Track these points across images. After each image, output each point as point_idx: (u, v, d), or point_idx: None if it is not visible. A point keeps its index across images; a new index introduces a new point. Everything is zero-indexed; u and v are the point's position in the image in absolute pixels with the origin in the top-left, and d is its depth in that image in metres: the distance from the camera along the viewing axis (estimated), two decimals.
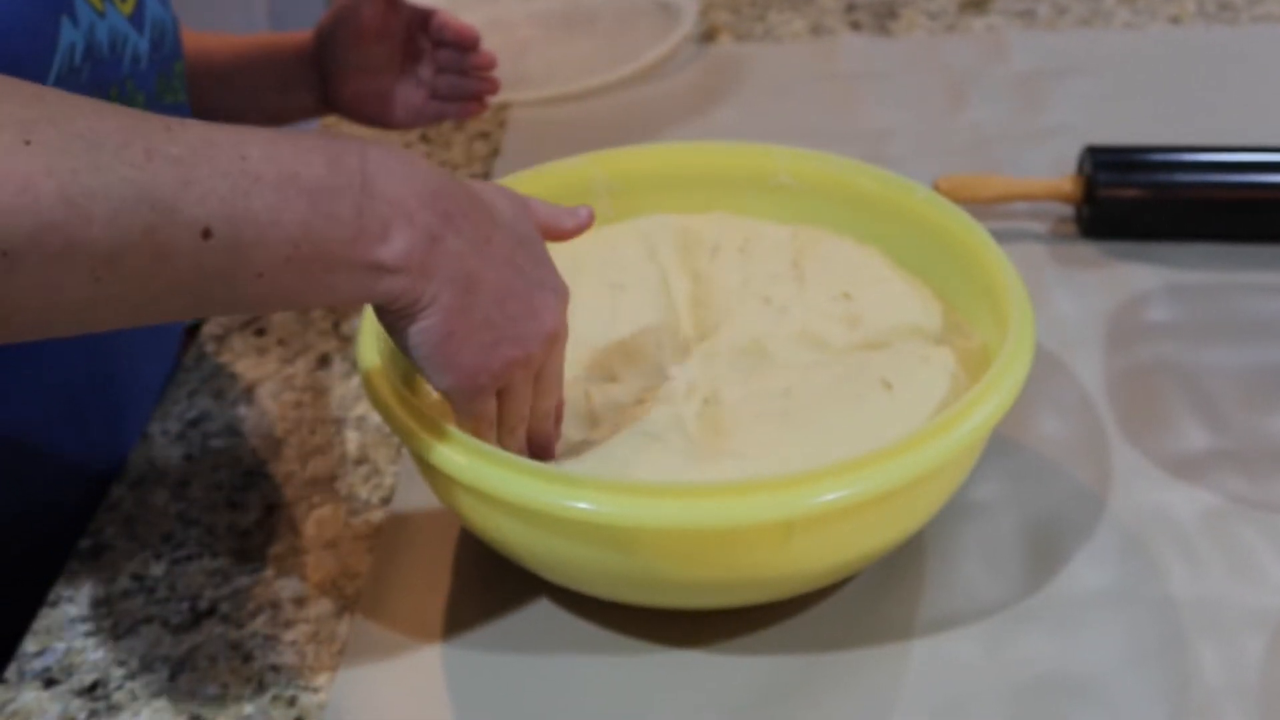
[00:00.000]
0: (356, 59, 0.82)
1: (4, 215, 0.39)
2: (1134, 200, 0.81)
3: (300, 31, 0.85)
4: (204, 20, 0.93)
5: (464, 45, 0.84)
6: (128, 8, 0.65)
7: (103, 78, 0.63)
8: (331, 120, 0.98)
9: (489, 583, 0.60)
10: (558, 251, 0.67)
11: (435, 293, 0.47)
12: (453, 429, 0.52)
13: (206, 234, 0.42)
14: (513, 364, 0.51)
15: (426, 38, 0.84)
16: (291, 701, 0.55)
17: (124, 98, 0.65)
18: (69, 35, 0.59)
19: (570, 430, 0.59)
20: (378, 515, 0.64)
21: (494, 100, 0.88)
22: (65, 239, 0.40)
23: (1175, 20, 1.09)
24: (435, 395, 0.59)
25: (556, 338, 0.52)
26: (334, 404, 0.72)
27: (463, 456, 0.51)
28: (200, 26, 0.85)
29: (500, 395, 0.52)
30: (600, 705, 0.54)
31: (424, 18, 0.83)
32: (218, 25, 0.92)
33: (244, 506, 0.65)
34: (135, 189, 0.41)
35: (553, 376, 0.54)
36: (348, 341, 0.77)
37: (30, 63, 0.57)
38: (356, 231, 0.45)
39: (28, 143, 0.39)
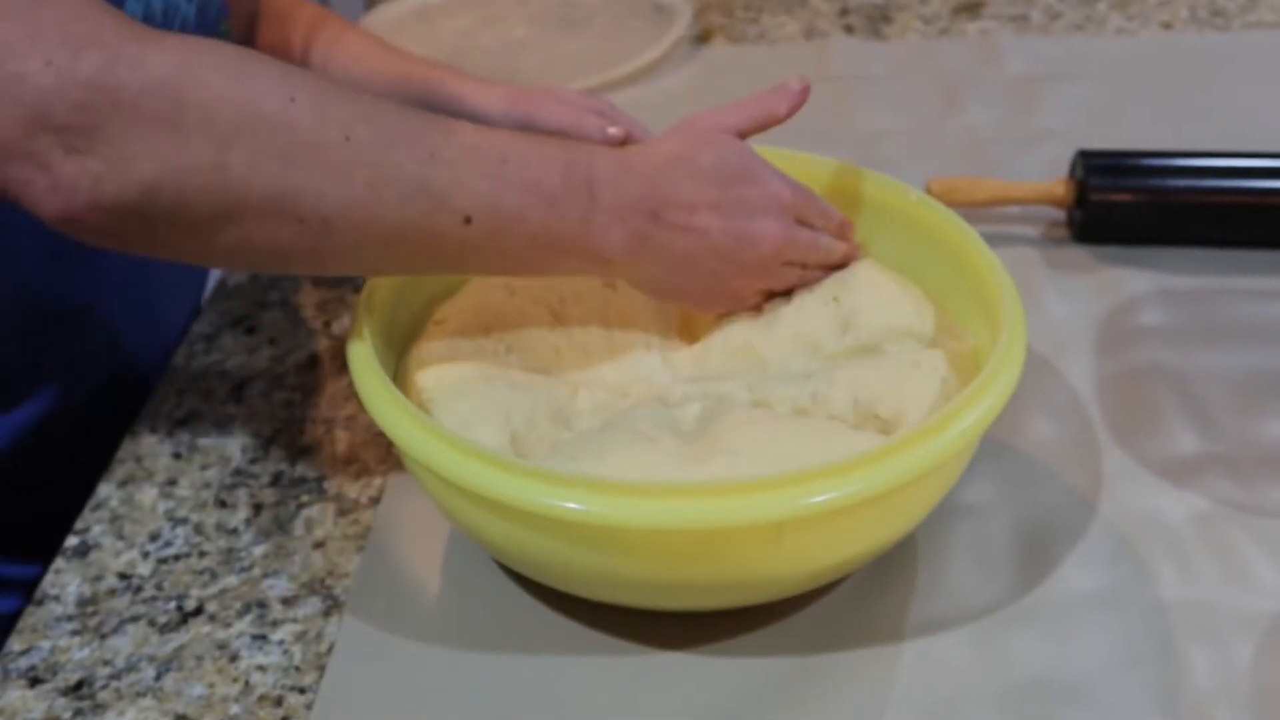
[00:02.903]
0: None
1: (326, 193, 0.51)
2: (1126, 204, 0.81)
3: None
4: None
5: None
6: None
7: None
8: None
9: (478, 584, 0.60)
10: None
11: (652, 272, 0.59)
12: (442, 429, 0.52)
13: (468, 220, 0.54)
14: (749, 286, 0.62)
15: None
16: (279, 702, 0.55)
17: None
18: (133, 7, 0.63)
19: (560, 430, 0.59)
20: (367, 515, 0.64)
21: None
22: (366, 214, 0.52)
23: (1167, 26, 1.09)
24: (423, 396, 0.59)
25: (783, 241, 0.61)
26: (324, 403, 0.72)
27: (452, 456, 0.51)
28: None
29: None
30: (590, 707, 0.54)
31: None
32: None
33: (232, 505, 0.65)
34: (418, 183, 0.52)
35: (812, 246, 0.63)
36: (338, 341, 0.77)
37: None
38: (581, 231, 0.56)
39: (348, 139, 0.51)
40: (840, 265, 0.65)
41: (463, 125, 0.55)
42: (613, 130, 0.67)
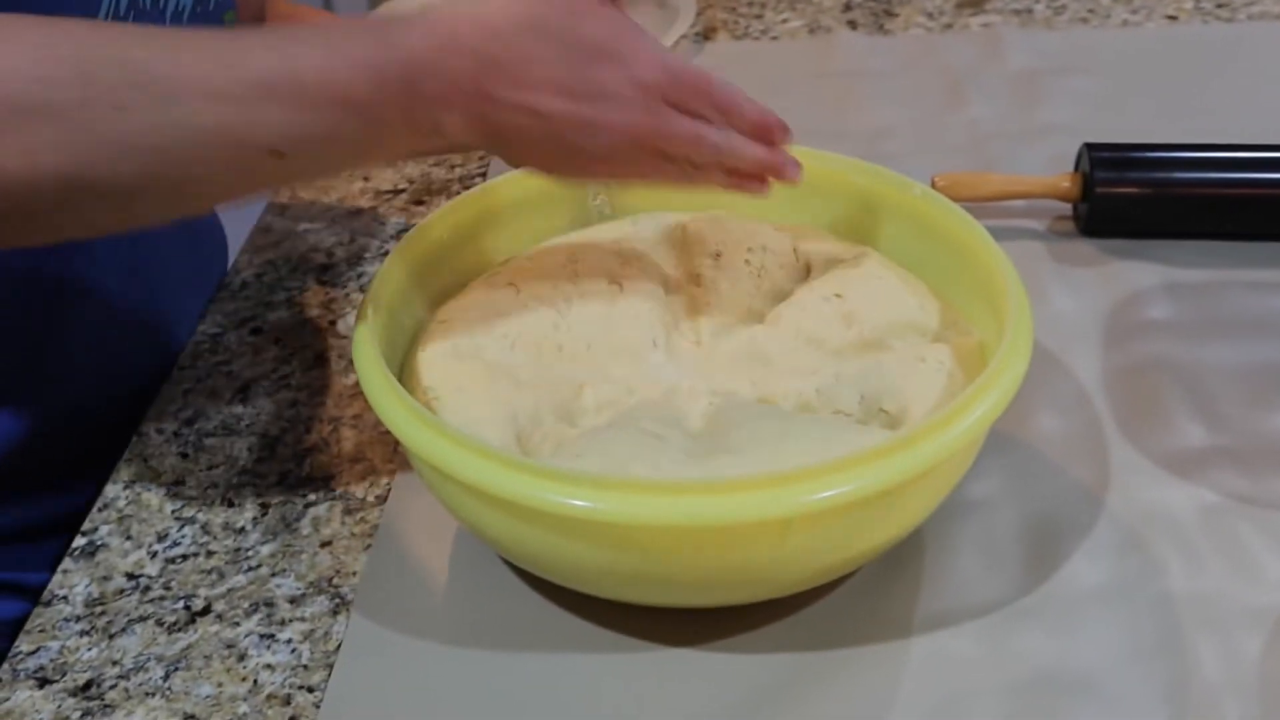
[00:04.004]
0: None
1: (119, 168, 0.49)
2: (1132, 198, 0.81)
3: None
4: None
5: None
6: None
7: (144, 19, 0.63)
8: None
9: (485, 581, 0.60)
10: (558, 250, 0.68)
11: (502, 150, 0.55)
12: (448, 427, 0.52)
13: (277, 154, 0.51)
14: (614, 170, 0.56)
15: None
16: (287, 701, 0.55)
17: None
18: None
19: (565, 428, 0.59)
20: (374, 514, 0.64)
21: None
22: (170, 175, 0.51)
23: (1172, 18, 1.09)
24: (429, 394, 0.59)
25: (647, 132, 0.54)
26: (330, 402, 0.72)
27: (459, 455, 0.51)
28: None
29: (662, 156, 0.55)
30: (597, 704, 0.54)
31: None
32: None
33: (239, 505, 0.65)
34: (211, 132, 0.50)
35: (693, 140, 0.55)
36: (344, 339, 0.77)
37: (76, 8, 0.58)
38: (408, 128, 0.52)
39: (119, 109, 0.49)
40: (769, 171, 0.57)
41: (251, 50, 0.51)
42: None
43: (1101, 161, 0.81)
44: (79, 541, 0.63)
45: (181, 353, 0.77)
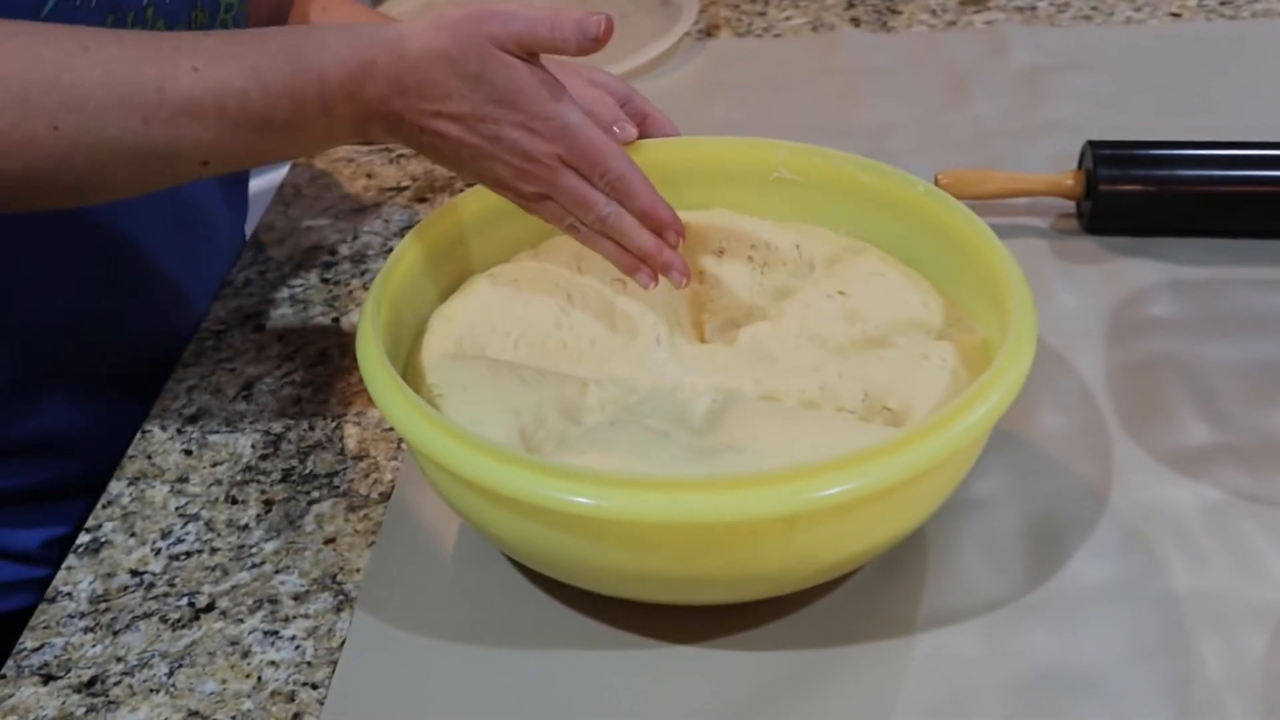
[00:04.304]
0: None
1: (56, 175, 0.55)
2: (1135, 195, 0.80)
3: None
4: None
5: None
6: None
7: (118, 3, 0.63)
8: None
9: (488, 578, 0.60)
10: (561, 249, 0.68)
11: (424, 151, 0.59)
12: (452, 425, 0.52)
13: (205, 163, 0.56)
14: (507, 192, 0.60)
15: None
16: (291, 697, 0.55)
17: (141, 25, 0.66)
18: None
19: (569, 425, 0.59)
20: (377, 511, 0.64)
21: None
22: (107, 179, 0.56)
23: (1176, 15, 1.09)
24: (433, 392, 0.59)
25: (546, 148, 0.57)
26: (334, 400, 0.72)
27: (462, 452, 0.51)
28: None
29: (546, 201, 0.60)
30: (601, 701, 0.54)
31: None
32: None
33: (243, 502, 0.65)
34: (142, 150, 0.55)
35: (580, 204, 0.59)
36: (348, 337, 0.77)
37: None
38: (328, 138, 0.58)
39: (55, 128, 0.53)
40: (652, 264, 0.61)
41: (179, 72, 0.54)
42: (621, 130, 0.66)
43: (1105, 159, 0.81)
44: (83, 538, 0.64)
45: (185, 350, 0.77)
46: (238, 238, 0.88)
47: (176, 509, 0.65)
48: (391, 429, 0.69)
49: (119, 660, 0.57)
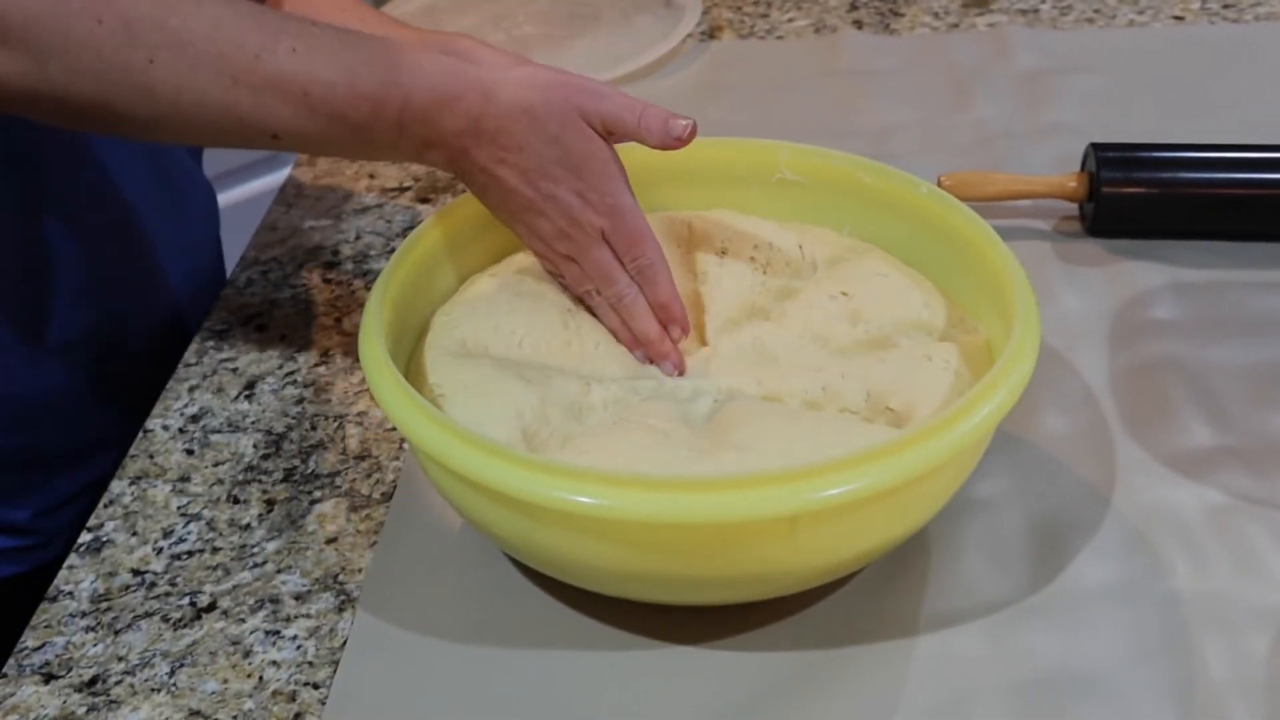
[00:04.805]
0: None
1: (138, 107, 0.56)
2: (1138, 197, 0.80)
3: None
4: None
5: None
6: None
7: None
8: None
9: (490, 578, 0.60)
10: None
11: (471, 186, 0.62)
12: (455, 424, 0.52)
13: (275, 137, 0.58)
14: (539, 249, 0.63)
15: None
16: (292, 697, 0.55)
17: None
18: None
19: (572, 425, 0.59)
20: (379, 511, 0.64)
21: None
22: (179, 125, 0.57)
23: (1179, 18, 1.09)
24: (435, 391, 0.59)
25: (593, 220, 0.61)
26: (336, 399, 0.72)
27: (465, 452, 0.51)
28: None
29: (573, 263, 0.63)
30: (602, 701, 0.54)
31: None
32: None
33: (245, 502, 0.65)
34: (221, 107, 0.56)
35: (602, 277, 0.62)
36: (350, 337, 0.77)
37: None
38: (392, 153, 0.60)
39: (151, 62, 0.54)
40: (650, 351, 0.63)
41: (279, 47, 0.56)
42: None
43: (1108, 161, 0.80)
44: (85, 537, 0.64)
45: (186, 350, 0.77)
46: (212, 206, 0.90)
47: (178, 508, 0.65)
48: (393, 429, 0.69)
49: (120, 660, 0.57)
